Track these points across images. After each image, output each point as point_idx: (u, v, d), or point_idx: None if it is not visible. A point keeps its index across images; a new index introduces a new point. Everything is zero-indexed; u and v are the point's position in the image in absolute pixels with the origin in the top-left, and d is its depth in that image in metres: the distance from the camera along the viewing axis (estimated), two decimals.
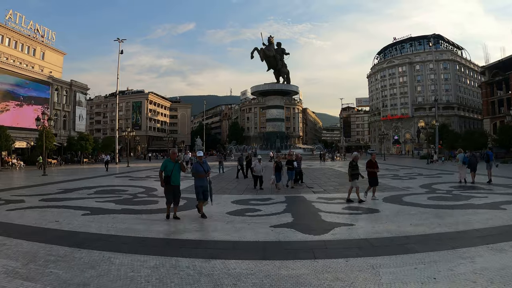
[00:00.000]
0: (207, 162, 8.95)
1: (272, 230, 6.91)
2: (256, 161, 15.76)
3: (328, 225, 7.45)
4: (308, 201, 11.25)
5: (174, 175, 8.25)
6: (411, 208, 9.83)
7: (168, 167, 8.23)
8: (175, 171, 8.28)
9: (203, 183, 8.47)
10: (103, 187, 15.55)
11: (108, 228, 7.20)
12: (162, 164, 8.38)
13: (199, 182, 8.50)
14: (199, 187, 8.44)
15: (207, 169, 8.66)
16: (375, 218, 8.35)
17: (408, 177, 20.76)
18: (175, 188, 8.28)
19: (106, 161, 29.51)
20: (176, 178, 8.32)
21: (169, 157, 8.59)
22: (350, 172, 11.28)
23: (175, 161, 8.42)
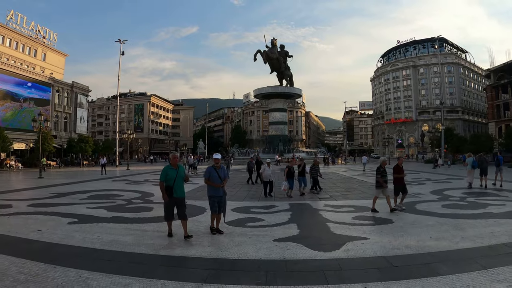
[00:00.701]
0: (225, 168, 7.47)
1: (276, 245, 6.11)
2: (265, 165, 14.50)
3: (339, 238, 6.66)
4: (315, 209, 10.46)
5: (177, 185, 6.74)
6: (427, 217, 9.04)
7: (169, 175, 6.72)
8: (178, 179, 6.77)
9: (217, 193, 7.10)
10: (97, 192, 14.81)
11: (93, 241, 6.44)
12: (162, 173, 6.83)
13: (213, 191, 7.13)
14: (213, 197, 7.10)
15: (224, 176, 7.25)
16: (390, 229, 7.54)
17: (416, 182, 19.92)
18: (178, 201, 6.77)
19: (102, 164, 28.75)
20: (180, 189, 6.81)
21: (169, 162, 7.06)
22: (379, 180, 10.00)
23: (176, 166, 6.91)
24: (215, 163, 7.28)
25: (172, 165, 6.92)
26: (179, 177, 6.81)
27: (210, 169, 7.22)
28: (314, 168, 15.62)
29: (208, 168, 7.31)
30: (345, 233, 7.10)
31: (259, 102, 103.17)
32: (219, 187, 7.09)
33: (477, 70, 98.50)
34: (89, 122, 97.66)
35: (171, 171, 6.82)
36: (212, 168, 7.22)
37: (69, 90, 59.21)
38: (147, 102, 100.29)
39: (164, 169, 6.89)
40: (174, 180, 6.71)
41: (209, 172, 7.20)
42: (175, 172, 6.80)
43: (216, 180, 7.07)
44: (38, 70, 55.79)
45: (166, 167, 6.94)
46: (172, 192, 6.69)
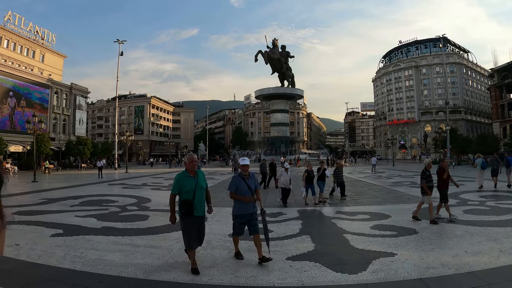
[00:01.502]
0: (255, 177, 5.70)
1: (290, 265, 5.14)
2: (283, 170, 12.56)
3: (362, 255, 5.71)
4: (327, 217, 9.52)
5: (198, 199, 4.89)
6: (453, 226, 8.14)
7: (186, 186, 4.86)
8: (199, 191, 4.92)
9: (247, 210, 5.32)
10: (91, 197, 13.87)
11: (75, 259, 5.50)
12: (174, 183, 4.97)
13: (241, 209, 5.34)
14: (241, 217, 5.33)
15: (256, 186, 5.53)
16: (417, 242, 6.60)
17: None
18: (199, 219, 4.98)
19: (99, 167, 27.83)
20: (201, 204, 4.98)
21: (185, 168, 5.09)
22: (424, 186, 8.76)
23: (195, 173, 5.03)
24: (243, 171, 5.53)
25: (188, 171, 5.00)
26: (199, 187, 4.96)
27: (237, 179, 5.44)
28: (338, 171, 14.18)
29: (233, 179, 5.53)
30: (367, 247, 6.16)
31: (260, 103, 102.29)
32: (251, 201, 5.37)
33: (479, 70, 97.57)
34: (89, 124, 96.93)
35: (188, 180, 4.92)
36: (238, 177, 5.48)
37: (67, 91, 58.34)
38: (147, 104, 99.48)
39: (178, 178, 4.97)
40: (193, 192, 4.85)
41: (235, 183, 5.41)
42: (194, 181, 4.93)
43: (246, 193, 5.37)
44: (36, 72, 54.92)
45: (180, 175, 5.02)
46: (191, 209, 4.77)
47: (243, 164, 5.63)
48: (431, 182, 8.83)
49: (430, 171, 8.91)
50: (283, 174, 12.37)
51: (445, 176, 9.08)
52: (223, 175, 29.69)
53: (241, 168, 5.62)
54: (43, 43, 59.66)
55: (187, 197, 4.81)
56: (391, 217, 9.13)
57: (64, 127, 57.29)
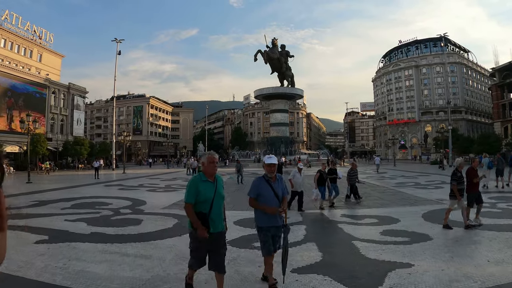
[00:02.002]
0: (283, 180, 4.52)
1: (297, 279, 4.55)
2: (295, 170, 11.15)
3: (375, 266, 5.14)
4: (331, 221, 8.94)
5: (216, 212, 3.83)
6: (467, 230, 7.59)
7: (202, 195, 3.78)
8: (217, 200, 3.86)
9: (273, 222, 4.21)
10: (84, 199, 13.28)
11: (55, 271, 4.93)
12: (188, 189, 3.87)
13: (265, 220, 4.22)
14: (266, 229, 4.20)
15: (283, 192, 4.38)
16: (434, 250, 6.04)
17: (433, 186, 18.45)
18: (217, 237, 3.85)
19: (96, 167, 27.25)
20: (219, 217, 3.90)
21: (203, 169, 4.00)
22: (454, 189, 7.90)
23: (214, 178, 3.95)
24: (268, 172, 4.32)
25: (206, 174, 3.89)
26: (219, 197, 3.86)
27: (260, 182, 4.31)
28: (352, 173, 13.12)
29: (255, 181, 4.37)
30: (380, 256, 5.59)
31: (260, 103, 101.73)
32: (275, 213, 4.15)
33: (480, 70, 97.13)
34: (88, 124, 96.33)
35: (206, 186, 3.82)
36: (262, 180, 4.32)
37: (65, 91, 57.73)
38: (146, 104, 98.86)
39: (192, 182, 3.88)
40: (211, 202, 3.77)
41: (257, 187, 4.28)
42: (212, 187, 3.84)
43: (271, 200, 4.18)
44: (33, 71, 54.34)
45: (194, 179, 3.94)
46: (206, 224, 3.72)
47: (269, 163, 4.32)
48: (462, 184, 8.02)
49: (461, 172, 8.09)
50: (296, 176, 10.97)
51: (476, 180, 8.29)
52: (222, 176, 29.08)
53: (266, 168, 4.36)
54: (41, 42, 59.11)
55: (201, 209, 3.72)
56: (401, 221, 8.56)
57: (61, 127, 56.67)
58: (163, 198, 13.81)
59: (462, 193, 7.96)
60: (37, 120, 27.18)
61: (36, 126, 26.24)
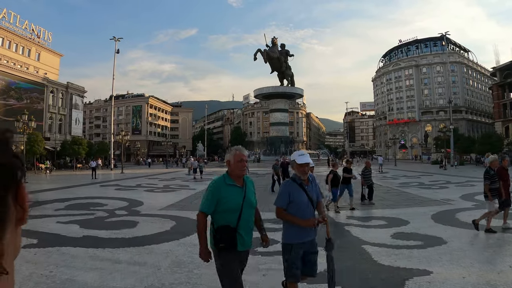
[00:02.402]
0: (316, 182, 3.60)
1: None
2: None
3: (390, 273, 4.71)
4: (338, 224, 8.49)
5: (245, 224, 2.97)
6: (482, 234, 7.16)
7: (228, 202, 2.93)
8: (247, 210, 3.00)
9: (308, 235, 3.36)
10: (79, 200, 12.83)
11: (40, 279, 4.49)
12: (207, 196, 2.98)
13: (296, 234, 3.33)
14: (298, 246, 3.31)
15: (318, 197, 3.52)
16: (450, 255, 5.61)
17: (437, 185, 18.06)
18: (245, 256, 3.14)
19: (93, 167, 26.79)
20: (249, 231, 3.02)
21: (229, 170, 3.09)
22: (486, 189, 7.35)
23: (243, 181, 3.10)
24: (300, 173, 3.37)
25: (232, 176, 3.04)
26: (248, 205, 3.01)
27: (291, 187, 3.38)
28: (366, 172, 12.38)
29: (285, 186, 3.46)
30: (394, 262, 5.15)
31: (259, 103, 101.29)
32: (312, 225, 3.28)
33: (480, 70, 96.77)
34: (87, 124, 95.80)
35: (232, 191, 2.98)
36: (293, 183, 3.39)
37: (64, 91, 57.25)
38: (145, 104, 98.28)
39: (214, 187, 2.98)
40: (239, 212, 2.92)
41: (288, 193, 3.34)
42: (241, 193, 3.00)
43: (305, 208, 3.29)
44: (32, 71, 53.87)
45: (217, 182, 3.02)
46: (234, 240, 2.88)
47: (301, 163, 3.32)
48: (496, 183, 7.40)
49: (495, 170, 7.54)
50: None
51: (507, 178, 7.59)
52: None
53: (298, 169, 3.35)
54: (39, 41, 58.62)
55: (228, 221, 2.86)
56: (410, 223, 8.13)
57: (60, 126, 56.18)
58: (161, 199, 13.36)
59: (495, 193, 7.40)
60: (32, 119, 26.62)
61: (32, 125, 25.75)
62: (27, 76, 49.88)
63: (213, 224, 2.96)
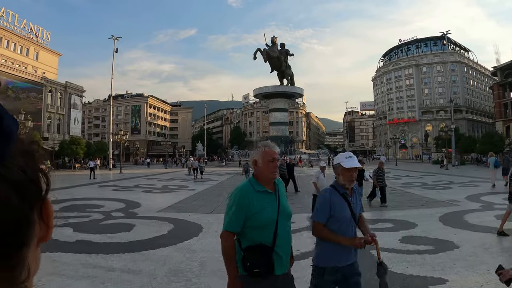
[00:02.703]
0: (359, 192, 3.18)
1: None
2: (318, 171, 9.21)
3: (404, 281, 4.40)
4: None
5: (282, 240, 2.30)
6: (493, 236, 6.86)
7: (260, 214, 2.27)
8: (283, 221, 2.34)
9: (347, 258, 2.73)
10: (75, 201, 12.49)
11: None
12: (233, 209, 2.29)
13: (334, 256, 2.69)
14: (332, 271, 2.68)
15: (359, 209, 2.87)
16: (464, 260, 5.30)
17: (441, 186, 17.78)
18: (284, 281, 2.36)
19: (91, 167, 26.42)
20: (287, 249, 2.36)
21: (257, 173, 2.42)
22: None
23: (274, 185, 2.43)
24: (346, 181, 2.75)
25: (262, 180, 2.39)
26: (284, 215, 2.37)
27: (332, 198, 2.73)
28: (380, 173, 11.68)
29: (324, 196, 2.79)
30: (406, 269, 4.83)
31: (259, 103, 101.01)
32: (358, 246, 2.72)
33: (480, 69, 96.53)
34: (86, 124, 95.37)
35: (264, 199, 2.34)
36: (335, 193, 2.76)
37: (62, 90, 56.91)
38: (144, 104, 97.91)
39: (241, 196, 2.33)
40: (275, 225, 2.28)
41: (329, 205, 2.70)
42: (274, 202, 2.37)
43: (348, 225, 2.74)
44: (30, 70, 53.55)
45: (243, 190, 2.37)
46: (271, 263, 2.22)
47: (350, 167, 2.70)
48: None
49: None
50: (320, 177, 8.94)
51: None
52: (221, 176, 28.39)
53: (343, 175, 2.72)
54: (38, 40, 58.25)
55: (261, 239, 2.24)
56: (418, 226, 7.81)
57: (58, 126, 55.86)
58: (159, 200, 13.04)
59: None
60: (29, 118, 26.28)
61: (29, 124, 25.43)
62: (26, 76, 49.55)
63: (239, 242, 2.29)
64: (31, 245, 0.38)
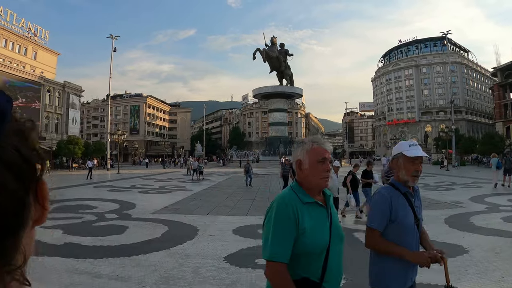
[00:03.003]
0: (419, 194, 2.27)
1: None
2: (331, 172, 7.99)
3: None
4: (345, 230, 7.84)
5: (333, 272, 1.62)
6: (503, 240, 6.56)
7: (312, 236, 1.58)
8: (336, 246, 1.65)
9: (408, 280, 2.11)
10: (69, 202, 12.12)
11: None
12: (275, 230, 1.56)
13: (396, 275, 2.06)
14: None
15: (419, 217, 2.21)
16: (475, 266, 4.97)
17: (443, 187, 17.52)
18: None
19: (90, 167, 26.08)
20: (338, 282, 1.69)
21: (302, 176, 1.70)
22: None
23: (324, 198, 1.73)
24: (408, 175, 2.11)
25: (309, 189, 1.68)
26: (337, 238, 1.67)
27: (392, 198, 2.09)
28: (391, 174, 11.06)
29: (382, 196, 2.13)
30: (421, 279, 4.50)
31: (258, 103, 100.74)
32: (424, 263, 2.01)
33: (480, 70, 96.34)
34: (84, 124, 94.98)
35: (313, 214, 1.65)
36: (394, 192, 2.12)
37: (60, 90, 56.53)
38: (143, 104, 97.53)
39: (285, 212, 1.59)
40: (326, 251, 1.62)
41: (389, 208, 2.06)
42: (325, 218, 1.68)
43: (412, 232, 2.11)
44: (28, 69, 53.18)
45: (286, 200, 1.64)
46: None
47: (415, 156, 2.12)
48: None
49: None
50: (332, 177, 8.12)
51: None
52: (220, 176, 28.09)
53: (406, 168, 2.13)
54: (36, 40, 57.86)
55: (306, 271, 1.60)
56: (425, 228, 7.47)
57: (56, 126, 55.48)
58: (155, 201, 12.68)
59: None
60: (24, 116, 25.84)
61: None
62: (24, 75, 49.18)
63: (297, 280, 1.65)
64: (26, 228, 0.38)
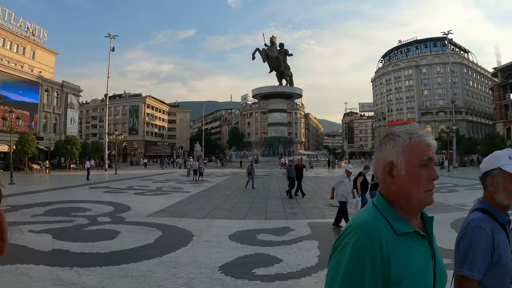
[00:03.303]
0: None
1: None
2: (343, 175, 8.73)
3: None
4: None
5: None
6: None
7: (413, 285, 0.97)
8: None
9: None
10: (62, 204, 11.83)
11: None
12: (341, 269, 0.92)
13: None
14: None
15: None
16: None
17: (445, 189, 17.22)
18: None
19: (88, 168, 25.75)
20: None
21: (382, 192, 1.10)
22: None
23: (422, 222, 1.16)
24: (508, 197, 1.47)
25: (405, 212, 1.07)
26: (441, 277, 1.09)
27: (492, 231, 1.44)
28: None
29: (480, 230, 1.44)
30: None
31: (257, 103, 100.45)
32: None
33: (480, 70, 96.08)
34: (83, 124, 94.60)
35: (410, 249, 1.01)
36: (493, 223, 1.48)
37: (59, 90, 56.13)
38: (142, 104, 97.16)
39: (360, 246, 0.94)
40: None
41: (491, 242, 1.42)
42: (428, 252, 1.08)
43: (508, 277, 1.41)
44: (26, 69, 52.75)
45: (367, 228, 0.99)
46: None
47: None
48: None
49: None
50: (344, 181, 8.45)
51: None
52: (218, 177, 27.79)
53: (505, 189, 1.48)
54: (34, 39, 57.45)
55: None
56: None
57: (54, 126, 55.08)
58: (150, 203, 12.34)
59: None
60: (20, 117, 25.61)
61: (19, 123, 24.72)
62: (21, 75, 48.74)
63: None
64: None
